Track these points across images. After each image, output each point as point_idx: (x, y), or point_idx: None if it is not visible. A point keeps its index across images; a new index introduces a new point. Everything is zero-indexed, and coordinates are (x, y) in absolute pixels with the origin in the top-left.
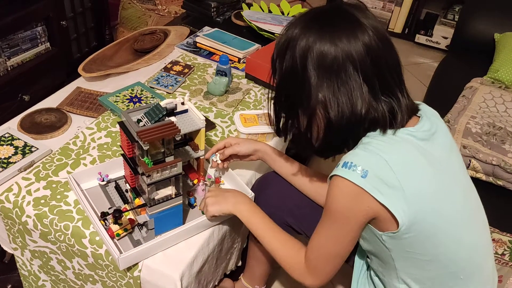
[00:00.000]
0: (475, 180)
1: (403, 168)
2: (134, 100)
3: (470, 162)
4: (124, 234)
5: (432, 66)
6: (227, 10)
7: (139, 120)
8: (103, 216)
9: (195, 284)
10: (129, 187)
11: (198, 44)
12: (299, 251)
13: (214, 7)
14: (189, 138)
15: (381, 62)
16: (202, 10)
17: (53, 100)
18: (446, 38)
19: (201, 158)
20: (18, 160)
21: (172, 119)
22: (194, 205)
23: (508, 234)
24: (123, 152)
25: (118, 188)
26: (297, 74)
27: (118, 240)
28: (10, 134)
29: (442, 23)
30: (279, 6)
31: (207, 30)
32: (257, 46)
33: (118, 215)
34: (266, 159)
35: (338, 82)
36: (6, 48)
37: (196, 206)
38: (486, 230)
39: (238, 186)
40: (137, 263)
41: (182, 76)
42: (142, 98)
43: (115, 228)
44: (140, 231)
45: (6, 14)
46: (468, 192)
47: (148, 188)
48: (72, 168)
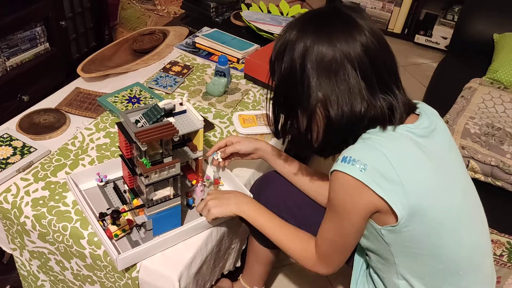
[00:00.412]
0: (474, 181)
1: (402, 163)
2: (133, 100)
3: (469, 163)
4: (123, 234)
5: (431, 66)
6: (226, 10)
7: (137, 121)
8: (102, 216)
9: (193, 285)
10: (127, 188)
11: (197, 45)
12: (309, 243)
13: (213, 8)
14: (187, 139)
15: (378, 61)
16: (201, 10)
17: (51, 101)
18: (446, 39)
19: (199, 158)
20: (17, 161)
21: (171, 119)
22: (192, 206)
23: (506, 235)
24: (121, 152)
25: (116, 188)
26: (296, 75)
27: (116, 240)
28: (8, 134)
29: (442, 23)
30: (278, 6)
31: (206, 30)
32: (256, 46)
33: (116, 215)
34: (267, 158)
35: (337, 80)
36: (5, 48)
37: (195, 207)
38: (485, 229)
39: (236, 187)
40: (135, 264)
41: (181, 76)
42: (141, 99)
43: (113, 228)
44: (138, 232)
45: (5, 14)
46: (468, 190)
47: (146, 189)
48: (70, 168)
